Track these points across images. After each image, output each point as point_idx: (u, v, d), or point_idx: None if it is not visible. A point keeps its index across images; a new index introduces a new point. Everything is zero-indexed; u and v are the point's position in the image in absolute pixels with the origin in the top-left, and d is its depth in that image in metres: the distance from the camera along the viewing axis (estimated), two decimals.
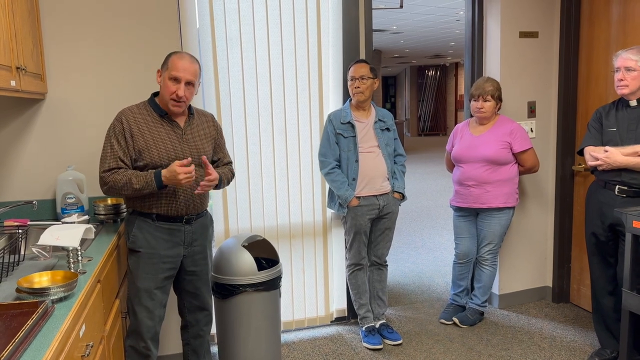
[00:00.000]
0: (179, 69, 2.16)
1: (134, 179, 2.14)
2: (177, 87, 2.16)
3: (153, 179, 2.14)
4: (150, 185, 2.15)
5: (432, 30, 11.25)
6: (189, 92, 2.20)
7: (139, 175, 2.16)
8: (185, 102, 2.20)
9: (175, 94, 2.17)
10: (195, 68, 2.21)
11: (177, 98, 2.18)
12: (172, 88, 2.17)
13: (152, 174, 2.15)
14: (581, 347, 3.09)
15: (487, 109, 3.20)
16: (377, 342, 3.13)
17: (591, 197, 2.82)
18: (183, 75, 2.16)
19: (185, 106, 2.24)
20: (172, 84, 2.17)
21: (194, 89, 2.23)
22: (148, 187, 2.15)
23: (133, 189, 2.15)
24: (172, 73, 2.16)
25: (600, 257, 2.82)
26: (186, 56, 2.20)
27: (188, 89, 2.19)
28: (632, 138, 2.58)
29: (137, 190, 2.16)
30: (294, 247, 3.32)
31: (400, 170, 3.19)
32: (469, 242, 3.40)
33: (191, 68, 2.18)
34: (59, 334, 1.32)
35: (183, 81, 2.16)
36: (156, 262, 2.26)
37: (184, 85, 2.16)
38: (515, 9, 3.47)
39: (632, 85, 2.57)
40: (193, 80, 2.19)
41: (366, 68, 3.04)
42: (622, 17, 3.11)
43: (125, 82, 2.79)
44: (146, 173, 2.16)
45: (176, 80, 2.16)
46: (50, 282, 1.65)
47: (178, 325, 2.92)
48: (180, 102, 2.19)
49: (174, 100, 2.19)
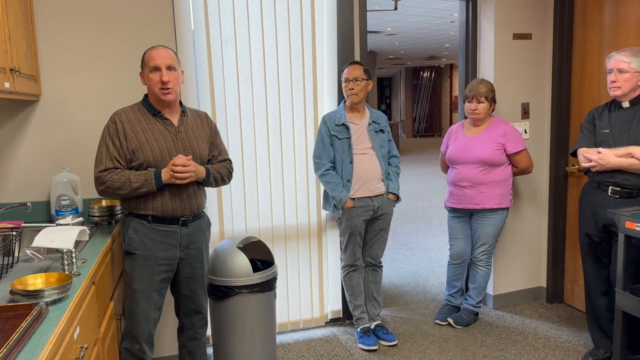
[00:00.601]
0: (155, 58, 2.21)
1: (132, 177, 2.15)
2: (160, 74, 2.20)
3: (153, 177, 2.16)
4: (150, 182, 2.15)
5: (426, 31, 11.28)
6: (172, 76, 2.22)
7: (137, 174, 2.17)
8: (172, 87, 2.22)
9: (161, 81, 2.20)
10: (170, 53, 2.25)
11: (163, 85, 2.20)
12: (156, 77, 2.21)
13: (152, 172, 2.17)
14: (575, 347, 3.11)
15: (481, 111, 3.21)
16: (372, 343, 3.14)
17: (585, 198, 2.83)
18: (162, 62, 2.20)
19: (174, 93, 2.25)
20: (154, 75, 2.21)
21: (177, 74, 2.26)
22: (147, 184, 2.16)
23: (131, 188, 2.15)
24: (150, 64, 2.21)
25: (593, 257, 2.83)
26: (158, 46, 2.26)
27: (171, 73, 2.22)
28: (625, 139, 2.60)
29: (135, 190, 2.16)
30: (289, 248, 3.32)
31: (394, 172, 3.20)
32: (463, 242, 3.42)
33: (165, 53, 2.23)
34: (53, 336, 1.32)
35: (163, 67, 2.20)
36: (152, 265, 2.25)
37: (165, 70, 2.20)
38: (509, 11, 3.49)
39: (624, 87, 2.59)
40: (173, 64, 2.23)
41: (360, 70, 3.04)
42: (614, 20, 3.14)
43: (120, 83, 2.79)
44: (145, 172, 2.17)
45: (156, 69, 2.21)
46: (44, 284, 1.64)
47: (174, 327, 2.91)
48: (168, 88, 2.21)
49: (162, 89, 2.21)
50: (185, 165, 2.17)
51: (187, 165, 2.18)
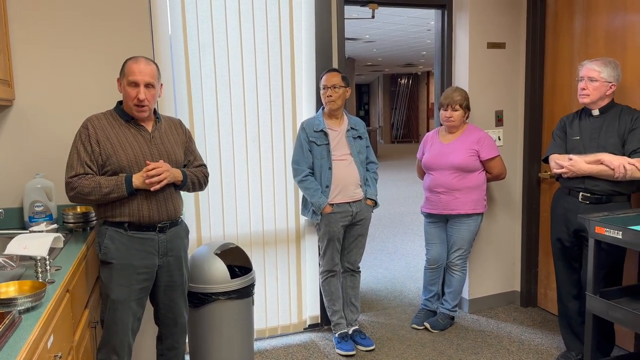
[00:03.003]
0: (135, 73, 2.16)
1: (103, 183, 2.12)
2: (137, 90, 2.17)
3: (123, 182, 2.13)
4: (120, 188, 2.12)
5: (404, 39, 11.42)
6: (149, 94, 2.19)
7: (108, 179, 2.14)
8: (147, 105, 2.20)
9: (137, 98, 2.17)
10: (152, 69, 2.21)
11: (138, 102, 2.17)
12: (133, 93, 2.17)
13: (123, 177, 2.14)
14: (548, 350, 3.17)
15: (456, 118, 3.27)
16: (350, 349, 3.15)
17: (556, 204, 2.90)
18: (141, 78, 2.16)
19: (149, 110, 2.23)
20: (131, 89, 2.17)
21: (155, 91, 2.23)
22: (118, 190, 2.13)
23: (102, 194, 2.12)
24: (129, 78, 2.17)
25: (565, 262, 2.90)
26: (141, 59, 2.20)
27: (149, 91, 2.19)
28: (595, 146, 2.68)
29: (106, 195, 2.13)
30: (268, 254, 3.32)
31: (372, 178, 3.23)
32: (439, 247, 3.46)
33: (147, 69, 2.18)
34: (26, 345, 1.30)
35: (142, 84, 2.16)
36: (130, 274, 2.21)
37: (143, 88, 2.17)
38: (484, 21, 3.56)
39: (593, 95, 2.66)
40: (152, 82, 2.19)
41: (338, 77, 3.07)
42: (584, 30, 3.23)
43: (96, 88, 2.76)
44: (116, 177, 2.15)
45: (135, 84, 2.17)
46: (17, 292, 1.61)
47: (153, 336, 2.88)
48: (143, 106, 2.19)
49: (136, 105, 2.18)
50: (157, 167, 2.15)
51: (160, 167, 2.16)
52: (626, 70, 2.92)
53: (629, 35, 2.92)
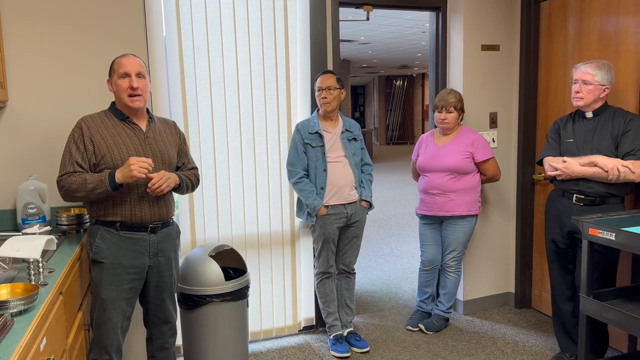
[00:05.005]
0: (125, 65, 2.22)
1: (88, 178, 2.13)
2: (129, 80, 2.21)
3: (107, 176, 2.13)
4: (104, 183, 2.12)
5: (399, 41, 11.44)
6: (141, 83, 2.23)
7: (93, 175, 2.15)
8: (141, 94, 2.23)
9: (130, 87, 2.20)
10: (140, 61, 2.27)
11: (132, 91, 2.20)
12: (125, 84, 2.21)
13: (107, 172, 2.14)
14: (542, 352, 3.18)
15: (450, 120, 3.28)
16: (345, 350, 3.15)
17: (550, 206, 2.91)
18: (132, 69, 2.21)
19: (143, 100, 2.25)
20: (123, 81, 2.21)
21: (147, 81, 2.27)
22: (102, 185, 2.12)
23: (87, 190, 2.12)
24: (120, 71, 2.21)
25: (559, 263, 2.91)
26: (128, 54, 2.28)
27: (140, 80, 2.23)
28: (588, 149, 2.69)
29: (91, 191, 2.13)
30: (262, 256, 3.31)
31: (367, 179, 3.23)
32: (434, 249, 3.47)
33: (135, 61, 2.24)
34: (18, 348, 1.29)
35: (133, 74, 2.21)
36: (120, 273, 2.22)
37: (135, 77, 2.21)
38: (478, 23, 3.58)
39: (586, 98, 2.68)
40: (142, 71, 2.24)
41: (333, 79, 3.07)
42: (577, 33, 3.25)
43: (89, 90, 2.75)
44: (101, 173, 2.15)
45: (126, 74, 2.21)
46: (9, 295, 1.60)
47: (143, 337, 2.87)
48: (137, 94, 2.21)
49: (130, 95, 2.21)
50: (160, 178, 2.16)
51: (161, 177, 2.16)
52: (619, 72, 2.94)
53: (622, 39, 2.93)
